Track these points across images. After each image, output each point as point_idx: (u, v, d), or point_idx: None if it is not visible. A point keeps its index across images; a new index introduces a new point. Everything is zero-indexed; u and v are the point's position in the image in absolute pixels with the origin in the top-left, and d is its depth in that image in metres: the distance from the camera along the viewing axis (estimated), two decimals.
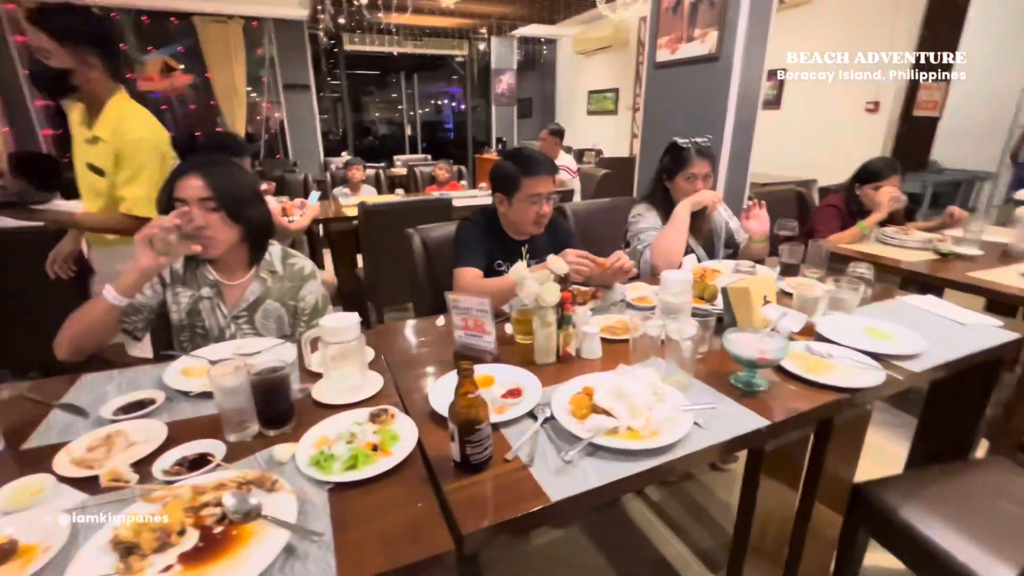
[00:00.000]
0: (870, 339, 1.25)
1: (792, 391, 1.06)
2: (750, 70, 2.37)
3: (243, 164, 2.65)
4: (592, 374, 1.10)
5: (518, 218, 1.65)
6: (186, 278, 1.36)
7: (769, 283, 1.29)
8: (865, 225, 2.23)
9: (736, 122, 2.43)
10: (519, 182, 1.60)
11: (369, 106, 9.52)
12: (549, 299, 1.12)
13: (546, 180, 1.62)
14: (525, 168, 1.60)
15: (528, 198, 1.61)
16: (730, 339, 1.06)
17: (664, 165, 1.96)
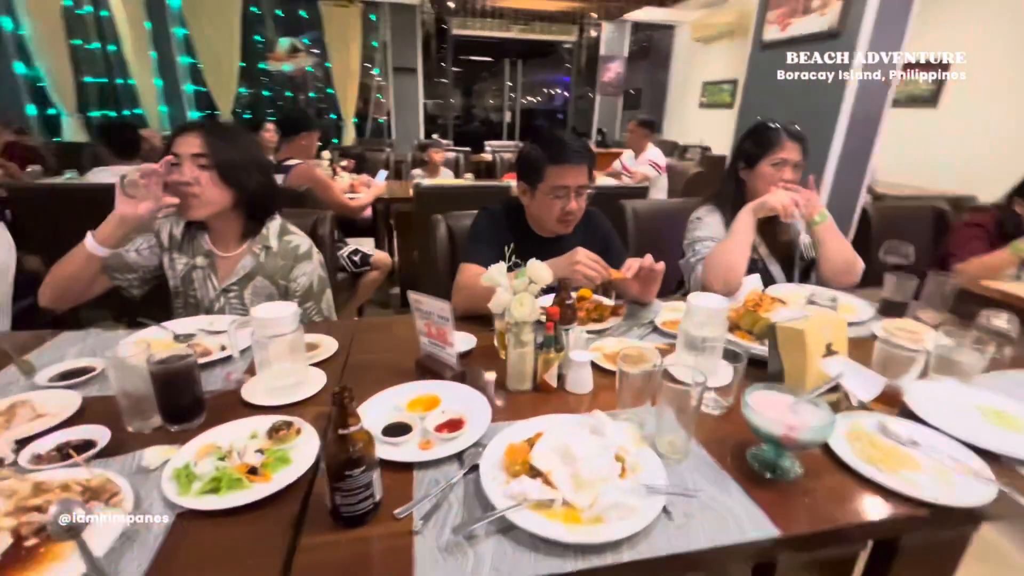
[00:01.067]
0: (987, 427, 0.87)
1: (839, 488, 0.74)
2: (881, 51, 1.87)
3: (311, 138, 2.69)
4: (564, 415, 0.86)
5: (541, 213, 1.42)
6: (183, 245, 1.32)
7: (838, 326, 0.95)
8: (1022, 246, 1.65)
9: (854, 116, 1.94)
10: (543, 170, 1.37)
11: (474, 92, 9.61)
12: (521, 313, 0.89)
13: (576, 171, 1.37)
14: (551, 154, 1.36)
15: (552, 191, 1.37)
16: (753, 399, 0.76)
17: (743, 150, 1.60)
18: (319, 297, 1.38)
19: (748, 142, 1.59)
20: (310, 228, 1.71)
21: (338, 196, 2.71)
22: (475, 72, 9.50)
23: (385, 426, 0.82)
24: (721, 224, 1.63)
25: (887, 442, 0.81)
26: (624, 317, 1.31)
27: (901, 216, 2.26)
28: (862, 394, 0.86)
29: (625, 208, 2.09)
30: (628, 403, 0.85)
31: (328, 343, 1.13)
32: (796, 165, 1.52)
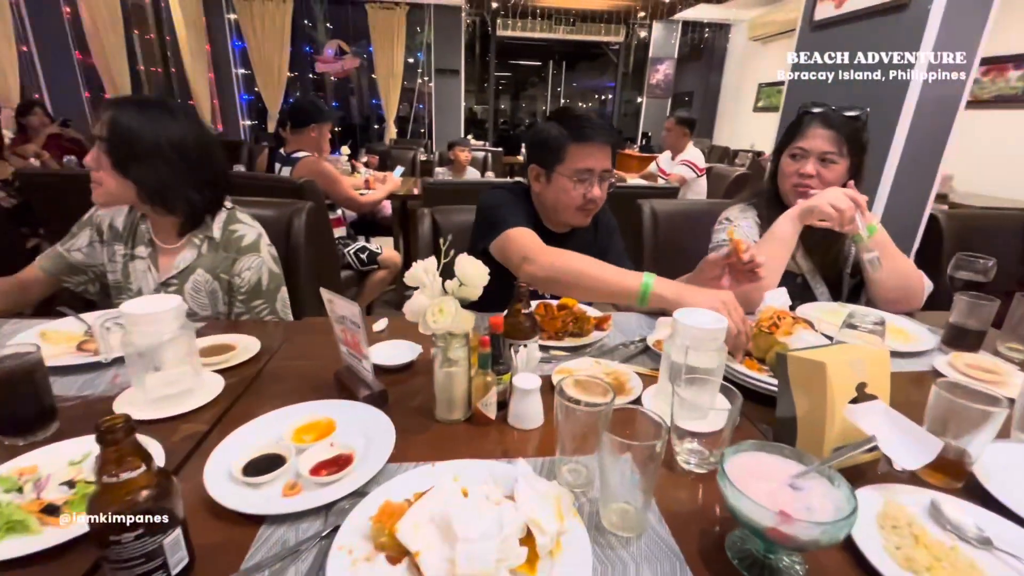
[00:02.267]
0: None
1: None
2: (960, 26, 1.53)
3: (321, 130, 2.59)
4: (477, 462, 0.65)
5: (557, 200, 1.22)
6: (124, 235, 1.21)
7: (878, 360, 0.69)
8: None
9: (920, 107, 1.60)
10: (564, 149, 1.17)
11: (514, 95, 9.49)
12: (440, 323, 0.69)
13: (602, 152, 1.17)
14: (574, 131, 1.17)
15: (575, 174, 1.17)
16: (735, 465, 0.53)
17: (778, 143, 1.34)
18: (271, 295, 1.23)
19: (785, 130, 1.33)
20: (287, 219, 1.58)
21: (346, 191, 2.59)
22: (524, 76, 9.39)
23: (250, 460, 0.64)
24: (755, 227, 1.37)
25: (941, 536, 0.56)
26: (610, 331, 1.08)
27: (981, 226, 1.88)
28: (906, 460, 0.60)
29: (642, 208, 1.84)
30: (569, 449, 0.63)
31: (248, 345, 0.97)
32: (824, 157, 1.23)
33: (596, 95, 9.56)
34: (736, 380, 0.86)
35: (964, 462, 0.64)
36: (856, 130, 1.24)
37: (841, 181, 1.24)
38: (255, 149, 4.24)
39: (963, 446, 0.64)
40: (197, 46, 6.41)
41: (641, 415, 0.58)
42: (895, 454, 0.60)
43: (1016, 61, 3.83)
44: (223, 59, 7.02)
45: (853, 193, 1.14)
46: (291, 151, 2.55)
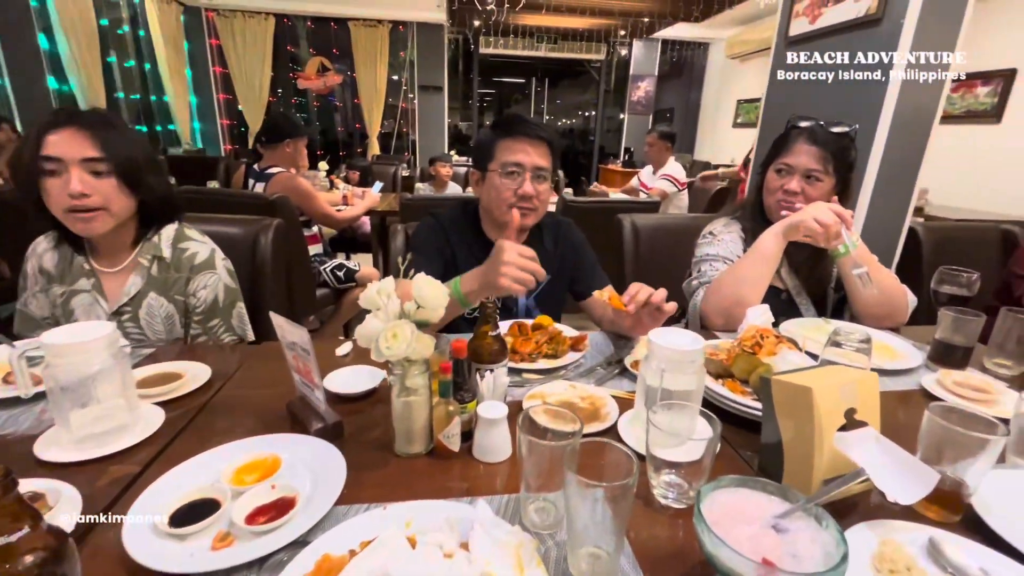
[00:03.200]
0: None
1: None
2: (933, 39, 1.54)
3: (296, 146, 2.54)
4: (437, 503, 0.59)
5: (491, 199, 1.19)
6: (58, 274, 1.10)
7: (866, 383, 0.64)
8: None
9: (896, 122, 1.60)
10: (494, 146, 1.15)
11: (499, 112, 9.55)
12: (394, 349, 0.63)
13: (532, 148, 1.14)
14: (503, 128, 1.16)
15: (502, 167, 1.14)
16: (713, 504, 0.48)
17: (766, 156, 1.32)
18: (227, 312, 1.17)
19: (772, 145, 1.31)
20: (253, 236, 1.51)
21: (322, 207, 2.53)
22: (508, 93, 9.46)
23: (179, 508, 0.57)
24: (739, 241, 1.34)
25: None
26: (588, 351, 1.03)
27: (959, 238, 1.89)
28: (900, 494, 0.55)
29: (623, 223, 1.81)
30: (534, 486, 0.57)
31: (197, 372, 0.89)
32: (809, 174, 1.21)
33: (580, 111, 9.66)
34: (718, 404, 0.82)
35: (962, 493, 0.60)
36: (843, 148, 1.21)
37: (826, 199, 1.21)
38: (232, 165, 4.16)
39: (960, 475, 0.60)
40: (177, 70, 6.33)
41: (611, 448, 0.53)
42: (888, 488, 0.55)
43: (984, 78, 3.94)
44: (204, 81, 6.94)
45: (838, 208, 1.11)
46: (265, 167, 2.48)
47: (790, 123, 1.26)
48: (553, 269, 1.29)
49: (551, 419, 0.62)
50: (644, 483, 0.64)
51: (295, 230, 2.24)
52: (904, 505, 0.59)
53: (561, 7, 6.18)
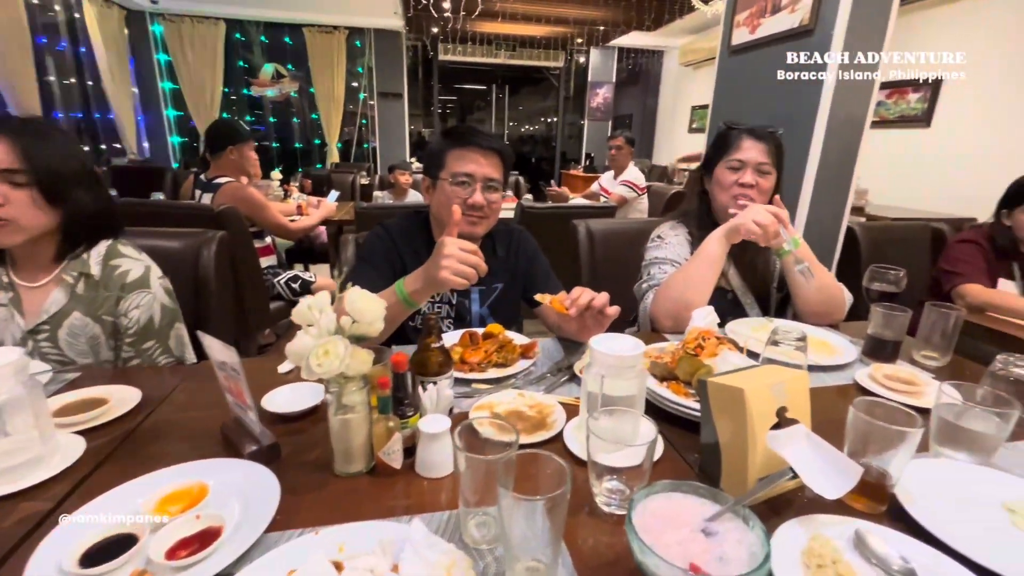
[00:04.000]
0: (1020, 538, 0.58)
1: None
2: (861, 48, 1.63)
3: (241, 152, 2.46)
4: (373, 524, 0.58)
5: (441, 208, 1.19)
6: None
7: (796, 382, 0.66)
8: None
9: (832, 126, 1.68)
10: (445, 156, 1.16)
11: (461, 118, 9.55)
12: (327, 367, 0.61)
13: (483, 159, 1.15)
14: (454, 139, 1.16)
15: (452, 177, 1.14)
16: (644, 511, 0.48)
17: (705, 158, 1.36)
18: (164, 333, 1.11)
19: (710, 148, 1.35)
20: (195, 250, 1.45)
21: (274, 217, 2.46)
22: (470, 100, 9.46)
23: (92, 546, 0.53)
24: (686, 244, 1.37)
25: (867, 571, 0.52)
26: (538, 358, 1.03)
27: (894, 237, 1.99)
28: (826, 489, 0.57)
29: (578, 229, 1.83)
30: (472, 501, 0.56)
31: (125, 397, 0.85)
32: (760, 168, 1.26)
33: (542, 117, 9.76)
34: (662, 407, 0.83)
35: (886, 484, 0.62)
36: (779, 144, 1.28)
37: (773, 192, 1.27)
38: (181, 175, 4.00)
39: (884, 467, 0.62)
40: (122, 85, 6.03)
41: (545, 459, 0.52)
42: (815, 483, 0.57)
43: (914, 85, 4.19)
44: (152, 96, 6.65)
45: (774, 209, 1.16)
46: (212, 177, 2.40)
47: (727, 125, 1.31)
48: (505, 277, 1.28)
49: (496, 431, 0.62)
50: (587, 491, 0.64)
51: (244, 242, 2.17)
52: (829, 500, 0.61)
53: (517, 15, 6.24)
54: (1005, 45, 3.58)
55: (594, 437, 0.62)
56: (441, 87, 8.56)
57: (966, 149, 3.88)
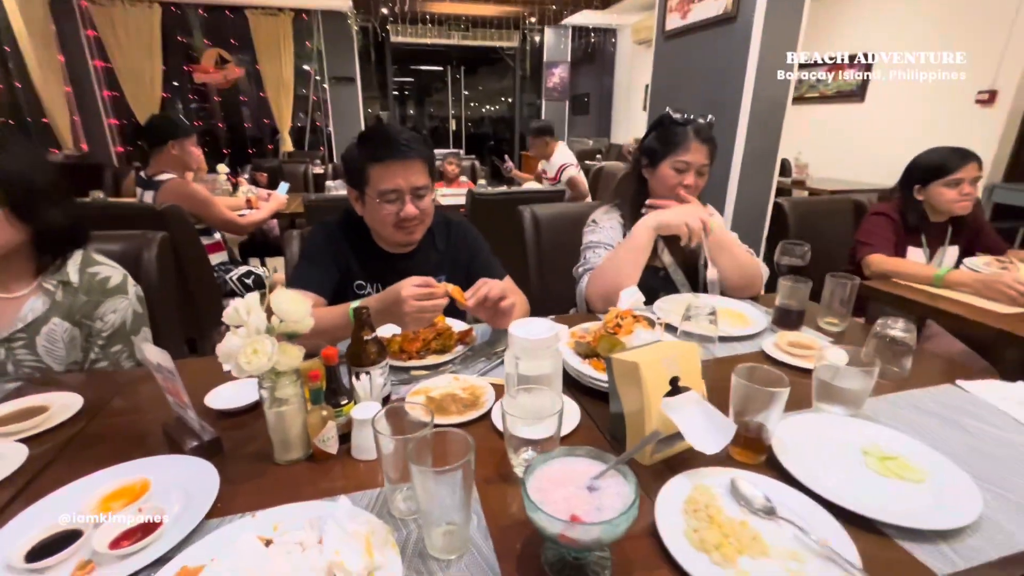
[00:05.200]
0: (869, 478, 0.68)
1: None
2: (778, 36, 1.73)
3: (183, 146, 2.39)
4: (305, 504, 0.63)
5: (374, 221, 1.20)
6: None
7: (687, 354, 0.75)
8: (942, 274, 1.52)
9: (756, 108, 1.79)
10: (367, 172, 1.15)
11: (419, 100, 9.39)
12: (255, 364, 0.66)
13: (406, 168, 1.14)
14: (371, 153, 1.14)
15: (380, 195, 1.15)
16: (541, 475, 0.55)
17: (646, 146, 1.41)
18: (131, 337, 1.13)
19: (652, 137, 1.40)
20: (135, 253, 1.44)
21: (222, 213, 2.42)
22: (428, 81, 9.29)
23: (37, 543, 0.57)
24: (619, 228, 1.45)
25: (735, 512, 0.61)
26: (475, 343, 1.09)
27: (819, 211, 2.13)
28: (705, 445, 0.65)
29: (523, 215, 1.88)
30: (394, 478, 0.63)
31: (67, 403, 0.87)
32: (701, 170, 1.34)
33: (502, 97, 9.68)
34: (583, 382, 0.91)
35: (763, 438, 0.72)
36: (715, 141, 1.36)
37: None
38: (122, 172, 3.84)
39: (762, 422, 0.72)
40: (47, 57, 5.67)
41: (453, 435, 0.59)
42: (695, 441, 0.66)
43: (850, 62, 4.38)
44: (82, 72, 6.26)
45: (704, 216, 1.25)
46: (153, 174, 2.33)
47: (670, 117, 1.35)
48: (447, 269, 1.33)
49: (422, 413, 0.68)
50: (505, 462, 0.72)
51: (190, 240, 2.14)
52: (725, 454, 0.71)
53: None
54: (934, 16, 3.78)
55: (509, 414, 0.68)
56: (397, 69, 8.38)
57: (897, 121, 4.12)
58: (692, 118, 1.33)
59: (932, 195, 1.68)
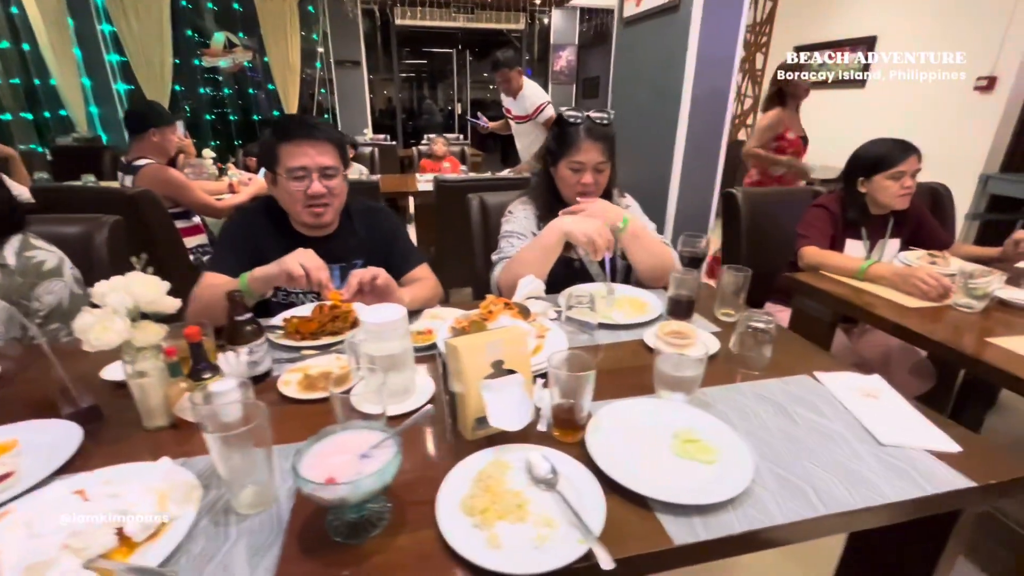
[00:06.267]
0: (668, 459, 0.73)
1: (415, 552, 0.59)
2: (720, 26, 1.71)
3: (164, 134, 2.50)
4: (142, 465, 0.71)
5: (285, 201, 1.28)
6: None
7: (514, 339, 0.80)
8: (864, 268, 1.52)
9: (697, 100, 1.79)
10: (276, 151, 1.22)
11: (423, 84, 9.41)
12: (104, 339, 0.74)
13: (313, 148, 1.21)
14: (281, 133, 1.22)
15: (288, 172, 1.22)
16: (318, 446, 0.62)
17: (546, 146, 1.46)
18: (70, 317, 1.22)
19: (551, 136, 1.45)
20: (87, 236, 1.54)
21: (199, 197, 2.52)
22: (440, 65, 9.28)
23: None
24: (533, 220, 1.49)
25: (517, 486, 0.67)
26: None
27: (775, 201, 2.12)
28: (504, 422, 0.71)
29: (471, 203, 1.93)
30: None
31: None
32: (598, 167, 1.38)
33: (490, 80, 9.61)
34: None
35: (575, 418, 0.77)
36: (612, 136, 1.38)
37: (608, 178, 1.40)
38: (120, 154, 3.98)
39: (580, 403, 0.77)
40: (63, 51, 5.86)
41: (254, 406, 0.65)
42: (496, 418, 0.72)
43: (851, 45, 4.25)
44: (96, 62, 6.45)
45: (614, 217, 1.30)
46: (132, 159, 2.44)
47: (562, 117, 1.39)
48: (364, 254, 1.39)
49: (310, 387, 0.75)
50: None
51: (162, 224, 2.25)
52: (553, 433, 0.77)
53: None
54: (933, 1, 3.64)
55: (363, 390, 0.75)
56: (408, 52, 8.41)
57: (896, 108, 4.00)
58: (584, 117, 1.36)
59: (874, 187, 1.67)
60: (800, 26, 4.78)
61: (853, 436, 0.79)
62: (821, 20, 4.48)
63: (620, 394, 0.90)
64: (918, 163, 1.62)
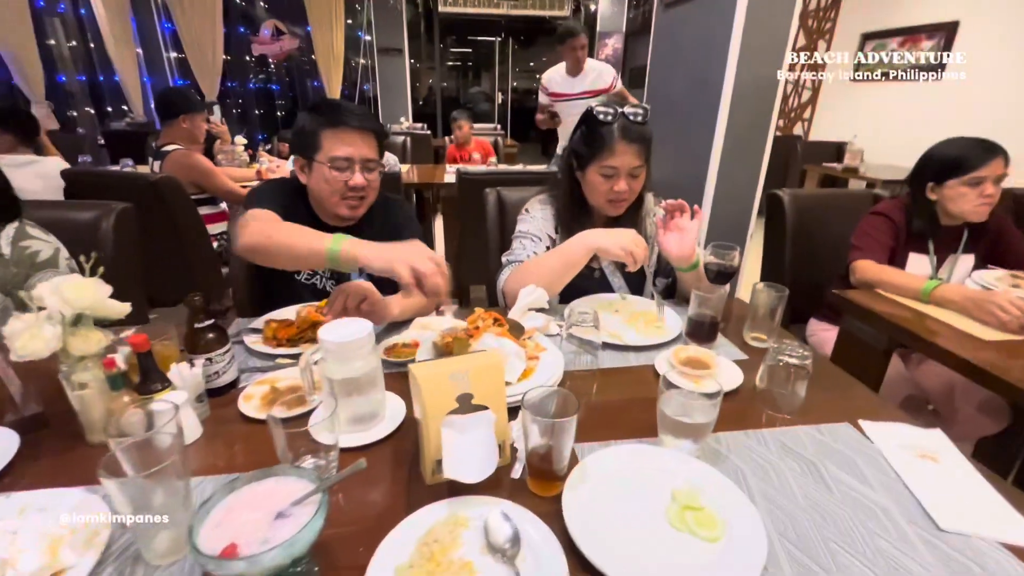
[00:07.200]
0: (662, 529, 0.60)
1: None
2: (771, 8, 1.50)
3: (193, 121, 2.51)
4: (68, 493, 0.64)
5: (320, 190, 1.19)
6: None
7: (489, 370, 0.68)
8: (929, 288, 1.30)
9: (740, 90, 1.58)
10: (319, 137, 1.14)
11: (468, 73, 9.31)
12: (32, 349, 0.67)
13: (359, 139, 1.15)
14: (328, 118, 1.14)
15: (330, 161, 1.14)
16: (231, 498, 0.53)
17: (572, 147, 1.30)
18: None
19: (578, 136, 1.27)
20: (94, 222, 1.53)
21: (224, 184, 2.52)
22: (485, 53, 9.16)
23: None
24: (551, 222, 1.35)
25: (469, 553, 0.56)
26: None
27: (826, 205, 1.90)
28: (462, 472, 0.60)
29: (488, 198, 1.82)
30: None
31: None
32: (632, 172, 1.21)
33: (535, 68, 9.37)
34: None
35: (552, 469, 0.65)
36: (648, 136, 1.21)
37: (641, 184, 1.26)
38: None
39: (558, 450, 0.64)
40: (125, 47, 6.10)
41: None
42: (453, 468, 0.60)
43: (928, 32, 3.84)
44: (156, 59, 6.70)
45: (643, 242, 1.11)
46: (162, 144, 2.47)
47: (596, 116, 1.21)
48: None
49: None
50: None
51: (185, 209, 2.24)
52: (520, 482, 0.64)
53: None
54: None
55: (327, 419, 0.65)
56: (454, 40, 8.34)
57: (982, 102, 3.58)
58: (618, 113, 1.18)
59: (947, 194, 1.44)
60: (869, 11, 4.36)
61: (902, 514, 0.63)
62: (893, 4, 4.06)
63: (617, 434, 0.77)
64: (1004, 168, 1.38)
